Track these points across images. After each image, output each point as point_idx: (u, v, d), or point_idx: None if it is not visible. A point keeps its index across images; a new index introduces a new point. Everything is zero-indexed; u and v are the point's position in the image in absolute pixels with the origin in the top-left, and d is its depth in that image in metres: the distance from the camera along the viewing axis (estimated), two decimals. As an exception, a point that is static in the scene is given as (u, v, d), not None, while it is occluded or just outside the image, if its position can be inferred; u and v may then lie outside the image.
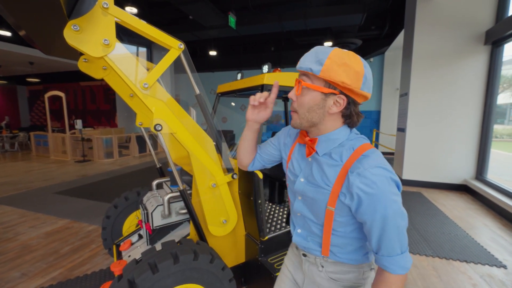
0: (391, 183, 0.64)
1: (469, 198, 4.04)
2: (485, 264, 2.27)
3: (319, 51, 0.68)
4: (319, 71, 0.65)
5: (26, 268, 2.20)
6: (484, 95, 4.14)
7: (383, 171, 0.64)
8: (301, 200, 0.81)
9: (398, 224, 0.64)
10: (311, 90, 0.69)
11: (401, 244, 0.66)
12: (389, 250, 0.66)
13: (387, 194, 0.63)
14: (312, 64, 0.66)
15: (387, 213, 0.63)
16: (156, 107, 1.36)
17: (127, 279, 1.13)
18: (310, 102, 0.70)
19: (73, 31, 1.09)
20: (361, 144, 0.71)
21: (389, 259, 0.66)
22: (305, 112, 0.71)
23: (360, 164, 0.66)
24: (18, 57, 7.93)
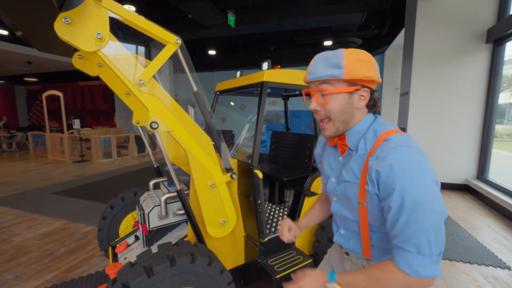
0: (415, 163, 0.58)
1: (471, 198, 4.00)
2: (489, 265, 2.22)
3: (327, 57, 0.69)
4: (343, 73, 0.67)
5: (21, 271, 2.15)
6: (485, 94, 4.10)
7: (403, 149, 0.60)
8: (336, 200, 0.82)
9: (425, 213, 0.56)
10: (337, 94, 0.70)
11: (423, 241, 0.56)
12: (408, 241, 0.58)
13: (409, 172, 0.57)
14: (331, 70, 0.67)
15: (412, 196, 0.56)
16: (152, 104, 1.31)
17: (121, 283, 1.08)
18: (340, 105, 0.71)
19: (64, 24, 1.05)
20: (385, 131, 0.69)
21: (404, 252, 0.59)
22: (339, 116, 0.72)
23: (379, 148, 0.65)
24: (16, 57, 7.87)
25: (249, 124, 2.38)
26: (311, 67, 0.72)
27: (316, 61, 0.71)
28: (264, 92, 1.65)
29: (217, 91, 2.34)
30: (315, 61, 0.71)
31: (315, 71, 0.70)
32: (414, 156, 0.59)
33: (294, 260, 1.71)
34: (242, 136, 2.43)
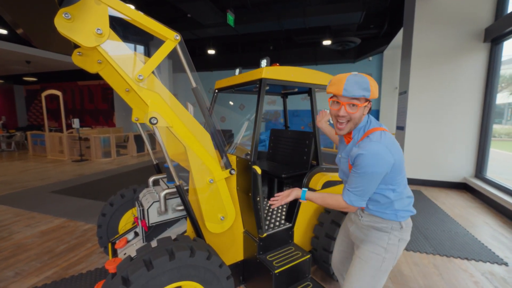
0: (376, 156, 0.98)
1: (469, 196, 4.02)
2: (486, 262, 2.24)
3: (358, 81, 0.99)
4: (369, 94, 1.00)
5: (20, 267, 2.16)
6: (483, 93, 4.12)
7: (376, 146, 0.99)
8: (340, 170, 1.23)
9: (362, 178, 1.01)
10: (361, 107, 1.03)
11: (357, 188, 1.04)
12: (351, 186, 1.06)
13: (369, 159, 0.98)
14: (363, 92, 0.99)
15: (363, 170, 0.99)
16: (151, 99, 1.32)
17: (121, 276, 1.09)
18: (359, 114, 1.06)
19: (64, 19, 1.06)
20: (369, 129, 1.07)
21: (347, 191, 1.07)
22: (357, 120, 1.07)
23: (362, 142, 1.05)
24: (14, 56, 7.85)
25: (247, 122, 2.39)
26: (347, 85, 0.99)
27: (350, 82, 0.99)
28: (262, 89, 1.66)
29: (216, 89, 2.34)
30: (349, 82, 0.99)
31: (351, 90, 0.99)
32: (377, 150, 0.98)
33: (292, 255, 1.72)
34: (241, 133, 2.44)
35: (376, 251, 1.11)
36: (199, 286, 1.28)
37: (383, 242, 1.11)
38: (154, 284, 1.13)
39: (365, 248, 1.13)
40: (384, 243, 1.11)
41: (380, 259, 1.10)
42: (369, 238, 1.13)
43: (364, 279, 1.11)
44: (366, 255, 1.12)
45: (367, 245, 1.13)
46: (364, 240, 1.15)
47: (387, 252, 1.10)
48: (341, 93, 0.99)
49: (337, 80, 1.02)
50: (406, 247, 2.48)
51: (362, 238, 1.16)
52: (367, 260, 1.11)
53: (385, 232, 1.11)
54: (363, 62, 8.60)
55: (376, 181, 1.01)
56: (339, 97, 1.03)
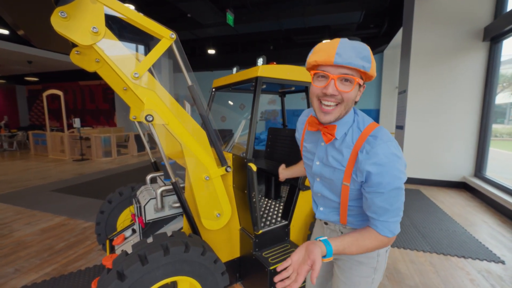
0: (397, 160, 0.70)
1: (468, 195, 4.02)
2: (483, 260, 2.24)
3: (355, 46, 0.69)
4: (370, 68, 0.70)
5: (20, 264, 2.18)
6: (482, 92, 4.11)
7: (390, 149, 0.71)
8: (319, 181, 0.90)
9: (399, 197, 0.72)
10: (354, 83, 0.72)
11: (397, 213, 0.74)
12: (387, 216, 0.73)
13: (393, 170, 0.70)
14: (362, 62, 0.68)
15: (393, 186, 0.70)
16: (147, 97, 1.34)
17: (116, 271, 1.11)
18: (354, 94, 0.74)
19: (61, 18, 1.07)
20: (368, 125, 0.78)
21: (384, 222, 0.74)
22: (350, 104, 0.75)
23: (368, 144, 0.73)
24: (16, 56, 7.91)
25: (245, 121, 2.40)
26: (340, 49, 0.67)
27: (345, 46, 0.68)
28: (258, 87, 1.68)
29: (213, 87, 2.36)
30: (343, 46, 0.68)
31: (347, 56, 0.67)
32: (393, 152, 0.71)
33: (288, 252, 1.73)
34: (239, 132, 2.46)
35: (364, 274, 0.89)
36: (194, 281, 1.30)
37: (372, 261, 0.89)
38: (149, 279, 1.14)
39: (351, 272, 0.91)
40: (374, 262, 0.89)
41: (369, 282, 0.90)
42: (354, 258, 0.90)
43: None
44: (354, 280, 0.90)
45: (353, 268, 0.90)
46: (348, 259, 0.91)
47: (376, 271, 0.90)
48: (332, 60, 0.67)
49: (325, 46, 0.70)
50: (403, 245, 2.49)
51: (344, 258, 0.92)
52: (354, 286, 0.91)
53: None
54: (363, 61, 8.61)
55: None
56: (328, 68, 0.70)
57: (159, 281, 1.18)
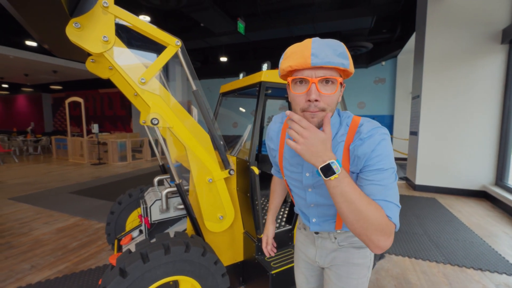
0: (388, 140, 0.69)
1: (488, 205, 3.80)
2: (502, 273, 2.11)
3: (330, 44, 0.65)
4: (349, 64, 0.65)
5: (36, 261, 2.30)
6: (502, 96, 3.93)
7: (380, 129, 0.69)
8: (311, 191, 0.82)
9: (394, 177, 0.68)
10: (337, 84, 0.66)
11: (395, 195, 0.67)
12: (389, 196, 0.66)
13: (388, 147, 0.67)
14: (340, 59, 0.64)
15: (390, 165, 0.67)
16: (153, 101, 1.40)
17: (119, 268, 1.15)
18: (337, 96, 0.68)
19: (75, 28, 1.16)
20: (352, 119, 0.75)
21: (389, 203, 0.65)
22: (333, 107, 0.69)
23: (358, 134, 0.70)
24: (43, 66, 8.47)
25: (250, 126, 2.43)
26: (315, 49, 0.62)
27: (319, 45, 0.63)
28: (262, 92, 1.71)
29: (221, 93, 2.42)
30: (318, 45, 0.63)
31: (324, 55, 0.62)
32: (386, 134, 0.70)
33: (291, 257, 1.71)
34: (245, 136, 2.49)
35: (361, 275, 0.88)
36: (194, 282, 1.32)
37: (367, 260, 0.88)
38: (149, 276, 1.18)
39: (347, 275, 0.88)
40: (368, 261, 0.88)
41: (365, 282, 0.89)
42: (350, 261, 0.87)
43: None
44: (351, 283, 0.88)
45: (349, 270, 0.87)
46: (343, 264, 0.88)
47: (369, 269, 0.90)
48: (309, 62, 0.62)
49: (298, 48, 0.65)
50: (414, 255, 2.39)
51: (339, 264, 0.89)
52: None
53: (366, 248, 0.88)
54: (376, 67, 8.46)
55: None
56: (305, 72, 0.64)
57: (159, 280, 1.21)
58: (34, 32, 1.37)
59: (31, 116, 14.39)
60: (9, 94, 14.87)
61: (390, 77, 8.34)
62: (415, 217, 3.34)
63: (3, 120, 15.46)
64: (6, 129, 13.93)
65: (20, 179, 5.54)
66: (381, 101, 8.53)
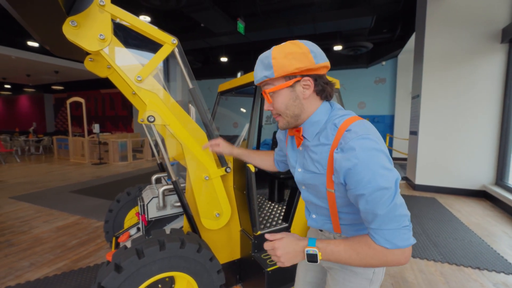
0: (377, 154, 0.60)
1: (488, 205, 3.79)
2: (500, 272, 2.10)
3: (261, 58, 0.73)
4: (273, 73, 0.69)
5: (35, 259, 2.31)
6: (502, 95, 3.92)
7: (365, 142, 0.61)
8: (305, 189, 0.85)
9: (386, 198, 0.59)
10: (278, 91, 0.72)
11: (393, 219, 0.60)
12: (379, 223, 0.61)
13: (372, 164, 0.59)
14: (264, 72, 0.71)
15: (374, 186, 0.59)
16: (149, 99, 1.42)
17: (114, 263, 1.16)
18: (284, 100, 0.72)
19: (71, 26, 1.18)
20: (344, 121, 0.69)
21: (378, 231, 0.61)
22: (285, 111, 0.74)
23: (342, 140, 0.65)
24: (45, 67, 8.54)
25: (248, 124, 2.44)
26: (255, 70, 0.75)
27: (256, 65, 0.74)
28: (258, 90, 1.72)
29: (219, 92, 2.43)
30: (256, 65, 0.74)
31: (255, 74, 0.74)
32: (373, 146, 0.61)
33: (287, 255, 1.72)
34: (243, 135, 2.50)
35: (358, 285, 0.83)
36: (189, 278, 1.32)
37: (368, 272, 0.81)
38: (144, 272, 1.19)
39: (343, 281, 0.85)
40: (370, 274, 0.81)
41: None
42: (348, 267, 0.83)
43: None
44: None
45: (346, 278, 0.84)
46: (341, 268, 0.85)
47: (372, 284, 0.82)
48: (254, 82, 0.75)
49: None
50: (412, 254, 2.38)
51: (338, 268, 0.86)
52: None
53: None
54: (376, 67, 8.45)
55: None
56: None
57: (155, 275, 1.22)
58: (33, 31, 1.39)
59: (33, 116, 14.48)
60: (12, 95, 14.98)
61: (390, 77, 8.33)
62: (414, 216, 3.33)
63: (6, 120, 15.57)
64: (9, 129, 14.03)
65: (21, 179, 5.58)
66: (381, 101, 8.52)
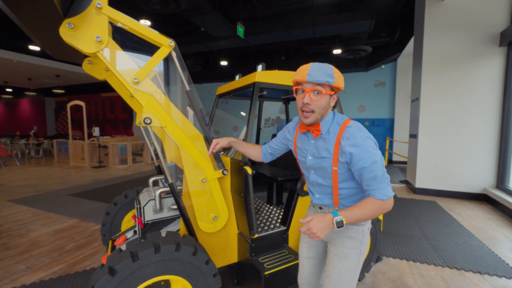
0: (369, 141, 0.96)
1: (489, 208, 3.76)
2: (501, 276, 2.07)
3: (322, 67, 0.98)
4: (334, 82, 0.97)
5: (32, 262, 2.29)
6: (502, 98, 3.91)
7: (363, 133, 0.97)
8: (313, 172, 1.12)
9: (379, 167, 0.94)
10: (325, 94, 0.99)
11: (383, 180, 0.95)
12: (377, 184, 0.95)
13: (367, 147, 0.95)
14: (327, 78, 0.96)
15: (371, 161, 0.93)
16: (146, 101, 1.42)
17: (108, 266, 1.14)
18: (325, 102, 1.01)
19: (68, 28, 1.18)
20: (344, 120, 1.03)
21: (377, 190, 0.95)
22: (322, 110, 1.01)
23: (346, 132, 0.99)
24: (46, 70, 8.59)
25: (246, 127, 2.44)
26: (311, 71, 0.96)
27: (314, 68, 0.97)
28: (255, 92, 1.72)
29: (217, 94, 2.44)
30: (313, 68, 0.97)
31: (315, 75, 0.96)
32: (367, 136, 0.97)
33: (285, 258, 1.70)
34: (241, 137, 2.49)
35: (353, 246, 1.08)
36: (185, 282, 1.31)
37: (359, 235, 1.08)
38: (139, 275, 1.17)
39: (341, 245, 1.09)
40: (360, 236, 1.08)
41: (358, 253, 1.08)
42: (344, 233, 1.09)
43: (345, 275, 1.09)
44: (344, 252, 1.08)
45: (343, 241, 1.09)
46: (339, 236, 1.10)
47: (362, 244, 1.09)
48: (305, 78, 0.96)
49: (302, 69, 1.01)
50: (412, 258, 2.36)
51: (337, 236, 1.11)
52: (346, 256, 1.08)
53: (360, 225, 1.08)
54: (376, 70, 8.48)
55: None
56: (304, 84, 0.99)
57: (149, 279, 1.21)
58: (32, 34, 1.39)
59: (34, 119, 14.53)
60: (13, 98, 15.05)
61: (390, 81, 8.35)
62: (414, 220, 3.30)
63: (7, 124, 15.62)
64: (10, 132, 14.07)
65: (20, 182, 5.57)
66: (381, 104, 8.52)
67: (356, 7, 5.71)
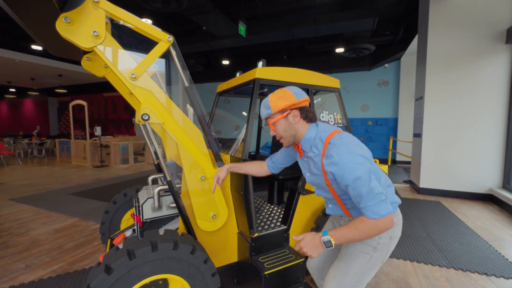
0: (349, 156, 0.91)
1: (495, 209, 3.69)
2: (508, 278, 2.02)
3: (264, 102, 1.10)
4: (271, 111, 1.07)
5: (31, 261, 2.28)
6: (508, 96, 3.84)
7: (342, 149, 0.94)
8: (316, 188, 1.19)
9: (363, 183, 0.89)
10: (277, 122, 1.09)
11: (373, 197, 0.89)
12: (364, 202, 0.90)
13: (347, 163, 0.91)
14: (266, 111, 1.09)
15: (353, 177, 0.89)
16: (144, 97, 1.39)
17: (105, 264, 1.12)
18: (282, 127, 1.09)
19: (65, 23, 1.16)
20: (327, 135, 1.03)
21: (366, 207, 0.90)
22: (285, 134, 1.10)
23: (326, 151, 0.99)
24: (48, 70, 8.63)
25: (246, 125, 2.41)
26: (260, 110, 1.11)
27: (260, 107, 1.12)
28: (255, 89, 1.69)
29: (218, 92, 2.41)
30: (260, 108, 1.12)
31: (261, 112, 1.11)
32: (346, 150, 0.93)
33: (285, 258, 1.66)
34: (242, 136, 2.46)
35: (364, 250, 1.08)
36: (183, 281, 1.28)
37: (373, 242, 1.07)
38: (136, 274, 1.14)
39: (353, 246, 1.10)
40: (375, 243, 1.07)
41: (367, 258, 1.07)
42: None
43: (348, 274, 1.09)
44: (354, 253, 1.09)
45: (356, 244, 1.09)
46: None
47: (376, 251, 1.07)
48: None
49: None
50: (416, 259, 2.31)
51: None
52: (353, 258, 1.09)
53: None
54: (379, 69, 8.40)
55: (375, 176, 0.93)
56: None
57: (146, 277, 1.18)
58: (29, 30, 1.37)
59: (37, 119, 14.63)
60: (16, 98, 15.17)
61: (393, 80, 8.26)
62: (418, 220, 3.25)
63: (11, 124, 15.75)
64: (13, 132, 14.18)
65: (22, 181, 5.59)
66: (384, 104, 8.44)
67: (359, 5, 5.66)
